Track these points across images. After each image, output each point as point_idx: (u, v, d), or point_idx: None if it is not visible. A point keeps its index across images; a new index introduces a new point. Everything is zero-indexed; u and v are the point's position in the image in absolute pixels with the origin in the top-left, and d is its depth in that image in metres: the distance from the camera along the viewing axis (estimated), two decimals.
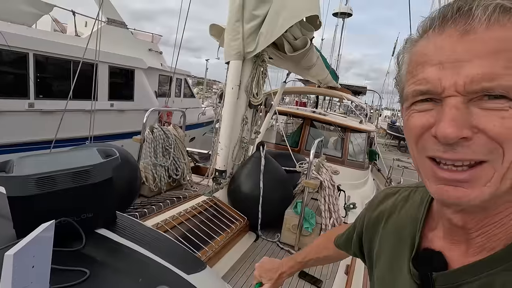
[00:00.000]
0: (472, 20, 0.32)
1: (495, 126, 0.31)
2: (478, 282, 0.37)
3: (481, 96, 0.32)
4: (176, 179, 2.68)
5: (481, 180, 0.33)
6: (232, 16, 2.09)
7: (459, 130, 0.32)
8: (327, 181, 2.04)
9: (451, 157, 0.33)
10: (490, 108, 0.31)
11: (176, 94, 9.71)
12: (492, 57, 0.31)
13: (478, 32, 0.31)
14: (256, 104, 2.34)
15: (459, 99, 0.32)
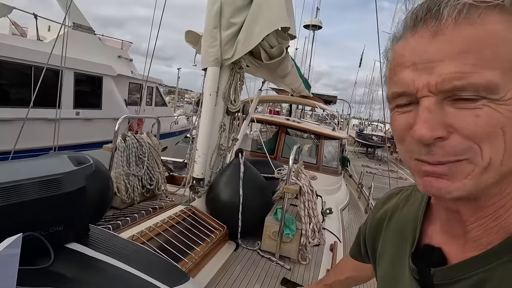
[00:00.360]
0: (440, 20, 0.32)
1: (469, 125, 0.31)
2: (475, 278, 0.37)
3: (454, 95, 0.32)
4: (150, 189, 2.56)
5: (462, 173, 0.33)
6: (209, 22, 2.08)
7: (432, 131, 0.32)
8: (307, 186, 2.06)
9: (429, 159, 0.34)
10: (463, 107, 0.32)
11: (148, 102, 9.43)
12: (462, 56, 0.31)
13: (446, 33, 0.32)
14: (233, 111, 2.32)
15: (433, 99, 0.33)
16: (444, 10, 0.32)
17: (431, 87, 0.33)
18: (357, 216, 4.84)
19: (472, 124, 0.31)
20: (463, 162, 0.33)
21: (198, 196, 2.26)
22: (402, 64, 0.36)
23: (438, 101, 0.33)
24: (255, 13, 2.07)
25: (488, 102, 0.31)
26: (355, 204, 5.37)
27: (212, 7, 2.05)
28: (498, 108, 0.31)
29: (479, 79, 0.31)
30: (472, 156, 0.32)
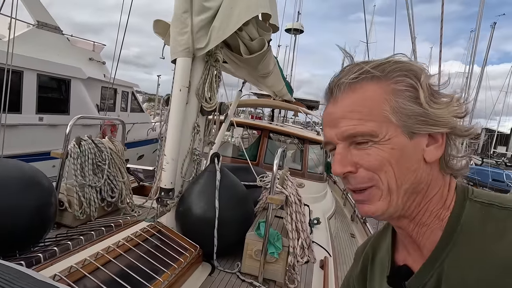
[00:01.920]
0: (335, 94, 0.49)
1: (365, 160, 0.46)
2: (435, 276, 0.45)
3: (354, 141, 0.47)
4: (111, 202, 2.19)
5: (375, 197, 0.47)
6: (179, 6, 1.79)
7: (343, 167, 0.47)
8: (294, 196, 1.78)
9: (351, 187, 0.49)
10: (361, 148, 0.46)
11: (123, 108, 8.92)
12: (350, 114, 0.46)
13: (340, 100, 0.48)
14: (209, 110, 2.02)
15: (342, 145, 0.48)
16: (336, 88, 0.49)
17: (338, 136, 0.48)
18: (343, 225, 4.62)
19: (367, 160, 0.46)
20: (372, 188, 0.47)
21: (167, 209, 1.92)
22: (325, 124, 0.51)
23: (346, 146, 0.48)
24: None
25: (374, 144, 0.45)
26: (341, 212, 5.16)
27: None
28: (380, 147, 0.45)
29: (363, 128, 0.45)
30: (376, 183, 0.46)
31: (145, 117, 10.00)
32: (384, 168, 0.44)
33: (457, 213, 0.45)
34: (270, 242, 1.67)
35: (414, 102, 0.45)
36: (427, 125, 0.46)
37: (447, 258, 0.44)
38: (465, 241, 0.43)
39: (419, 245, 0.49)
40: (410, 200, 0.46)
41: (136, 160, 8.16)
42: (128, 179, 2.39)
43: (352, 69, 0.48)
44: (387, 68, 0.46)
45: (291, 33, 14.21)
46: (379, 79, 0.46)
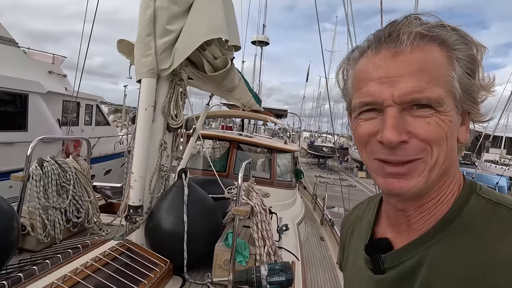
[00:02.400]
0: (400, 44, 0.40)
1: (424, 130, 0.40)
2: (416, 258, 0.44)
3: (411, 106, 0.40)
4: (77, 223, 2.16)
5: (417, 172, 0.42)
6: (142, 29, 1.86)
7: (399, 135, 0.40)
8: (259, 206, 1.89)
9: (394, 159, 0.42)
10: (418, 115, 0.40)
11: (87, 122, 8.57)
12: (418, 74, 0.39)
13: (405, 54, 0.40)
14: (175, 127, 2.09)
15: (396, 108, 0.40)
16: (403, 36, 0.40)
17: (395, 98, 0.40)
18: (313, 229, 4.82)
19: (426, 130, 0.40)
20: (418, 161, 0.41)
21: (136, 226, 1.94)
22: (368, 79, 0.43)
23: (399, 110, 0.41)
24: (193, 21, 1.91)
25: (435, 113, 0.40)
26: (311, 216, 5.37)
27: (145, 13, 1.84)
28: (442, 118, 0.40)
29: (432, 93, 0.39)
30: (425, 156, 0.41)
31: (112, 130, 9.68)
32: (441, 141, 0.40)
33: (459, 204, 0.43)
34: (238, 251, 1.76)
35: (470, 75, 0.41)
36: (472, 103, 0.43)
37: (435, 245, 0.42)
38: (462, 234, 0.41)
39: (410, 225, 0.46)
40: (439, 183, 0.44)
41: (103, 175, 7.85)
42: (94, 198, 2.37)
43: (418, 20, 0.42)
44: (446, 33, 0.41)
45: (256, 45, 14.61)
46: (443, 42, 0.41)
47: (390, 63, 0.41)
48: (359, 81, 0.44)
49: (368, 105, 0.43)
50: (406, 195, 0.43)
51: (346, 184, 12.47)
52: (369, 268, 0.50)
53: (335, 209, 9.06)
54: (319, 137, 34.84)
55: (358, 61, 0.45)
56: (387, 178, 0.43)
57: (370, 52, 0.43)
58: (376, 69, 0.42)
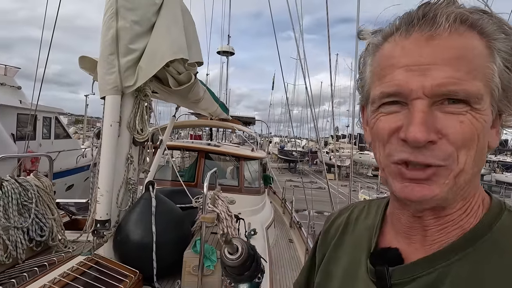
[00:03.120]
0: (436, 26, 0.34)
1: (456, 131, 0.34)
2: (434, 274, 0.37)
3: (443, 100, 0.34)
4: (41, 241, 2.13)
5: (441, 178, 0.35)
6: (105, 48, 1.93)
7: (428, 134, 0.33)
8: (224, 213, 2.02)
9: (417, 159, 0.35)
10: (450, 112, 0.34)
11: (45, 135, 8.12)
12: (456, 63, 0.33)
13: (442, 38, 0.34)
14: (141, 140, 2.16)
15: (425, 102, 0.34)
16: (441, 18, 0.34)
17: (426, 89, 0.34)
18: (283, 232, 5.01)
19: (457, 130, 0.34)
20: (441, 168, 0.35)
21: (104, 240, 1.97)
22: (394, 65, 0.36)
23: (429, 104, 0.34)
24: (156, 40, 2.01)
25: (470, 110, 0.34)
26: (280, 220, 5.57)
27: (107, 33, 1.91)
28: (477, 116, 0.34)
29: (471, 87, 0.33)
30: (450, 163, 0.35)
31: (73, 143, 9.23)
32: (471, 144, 0.34)
33: (490, 219, 0.38)
34: (206, 257, 1.87)
35: (510, 70, 0.35)
36: (508, 103, 0.37)
37: (460, 261, 0.37)
38: (492, 252, 0.36)
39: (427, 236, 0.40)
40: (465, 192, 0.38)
41: (65, 191, 7.45)
42: (59, 215, 2.34)
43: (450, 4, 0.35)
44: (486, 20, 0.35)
45: (221, 55, 14.81)
46: (483, 30, 0.35)
47: (423, 48, 0.34)
48: (382, 68, 0.38)
49: (391, 96, 0.36)
50: (428, 204, 0.37)
51: (316, 187, 12.92)
52: (372, 281, 0.43)
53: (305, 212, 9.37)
54: (288, 142, 35.64)
55: (380, 47, 0.39)
56: (406, 183, 0.36)
57: (399, 35, 0.36)
58: (405, 54, 0.35)
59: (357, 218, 0.54)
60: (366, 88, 0.42)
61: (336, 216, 0.59)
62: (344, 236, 0.53)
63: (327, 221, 0.60)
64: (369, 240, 0.48)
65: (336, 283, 0.50)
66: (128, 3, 1.92)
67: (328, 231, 0.58)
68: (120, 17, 1.91)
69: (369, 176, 22.59)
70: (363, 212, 0.54)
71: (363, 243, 0.48)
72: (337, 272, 0.50)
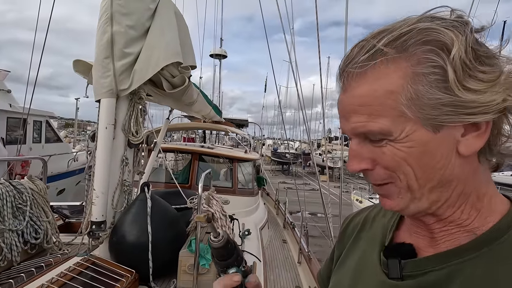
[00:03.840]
0: (346, 81, 0.41)
1: (382, 160, 0.40)
2: (446, 270, 0.40)
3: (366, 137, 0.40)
4: (35, 244, 2.13)
5: (393, 194, 0.42)
6: (100, 52, 1.96)
7: (358, 164, 0.42)
8: (219, 212, 2.06)
9: (370, 181, 0.43)
10: (376, 145, 0.40)
11: (36, 139, 8.02)
12: (360, 109, 0.39)
13: (351, 89, 0.40)
14: (136, 143, 2.19)
15: (356, 140, 0.42)
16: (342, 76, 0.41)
17: (350, 132, 0.42)
18: (276, 232, 5.06)
19: (384, 159, 0.40)
20: (390, 185, 0.41)
21: (99, 242, 1.99)
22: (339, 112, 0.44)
23: (361, 141, 0.41)
24: (150, 45, 2.06)
25: (388, 142, 0.39)
26: (274, 221, 5.61)
27: (102, 37, 1.94)
28: (396, 146, 0.39)
29: (373, 127, 0.39)
30: (394, 181, 0.41)
31: (64, 147, 9.13)
32: (402, 168, 0.39)
33: (508, 222, 0.39)
34: (201, 255, 1.91)
35: (442, 87, 0.35)
36: (460, 115, 0.36)
37: (473, 261, 0.38)
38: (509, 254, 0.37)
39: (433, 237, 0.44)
40: (440, 199, 0.40)
41: (56, 195, 7.37)
42: (53, 218, 2.34)
43: (364, 48, 0.39)
44: (409, 41, 0.36)
45: (214, 58, 14.87)
46: (396, 59, 0.37)
47: (344, 99, 0.42)
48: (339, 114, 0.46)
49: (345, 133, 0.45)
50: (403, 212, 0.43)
51: (309, 188, 13.00)
52: (384, 272, 0.45)
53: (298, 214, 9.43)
54: (282, 144, 35.77)
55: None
56: (379, 196, 0.44)
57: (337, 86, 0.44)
58: (338, 104, 0.43)
59: (374, 216, 0.58)
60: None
61: (355, 215, 0.63)
62: (361, 233, 0.57)
63: (345, 221, 0.64)
64: (383, 236, 0.51)
65: (349, 274, 0.53)
66: (122, 8, 1.97)
67: (346, 230, 0.62)
68: (115, 22, 1.95)
69: (361, 177, 22.84)
70: (381, 211, 0.57)
71: (377, 238, 0.52)
72: (350, 264, 0.54)
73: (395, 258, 0.45)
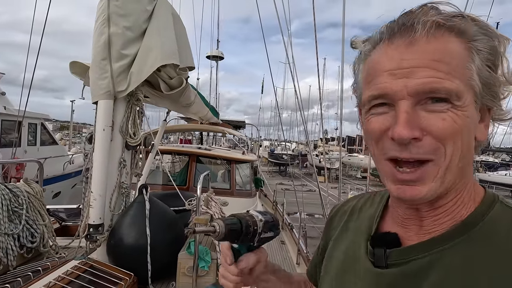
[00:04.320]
0: (414, 33, 0.38)
1: (439, 127, 0.37)
2: (428, 258, 0.41)
3: (426, 100, 0.38)
4: (32, 248, 2.11)
5: (430, 177, 0.39)
6: (97, 54, 1.95)
7: (411, 132, 0.37)
8: (218, 214, 2.05)
9: (406, 156, 0.38)
10: (433, 110, 0.37)
11: (31, 142, 7.94)
12: (435, 65, 0.37)
13: (420, 44, 0.38)
14: (134, 144, 2.17)
15: (409, 102, 0.38)
16: (418, 25, 0.38)
17: (409, 89, 0.38)
18: None
19: (440, 127, 0.37)
20: (429, 165, 0.38)
21: (97, 245, 1.97)
22: (380, 70, 0.40)
23: (413, 104, 0.38)
24: (148, 46, 2.05)
25: (451, 107, 0.37)
26: None
27: (99, 38, 1.93)
28: (458, 113, 0.37)
29: (451, 85, 0.37)
30: (438, 157, 0.38)
31: (60, 149, 9.06)
32: (455, 138, 0.38)
33: (483, 210, 0.41)
34: (200, 258, 1.90)
35: (491, 68, 0.39)
36: (494, 99, 0.40)
37: (452, 248, 0.40)
38: (485, 241, 0.39)
39: (422, 226, 0.44)
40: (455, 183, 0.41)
41: (51, 198, 7.29)
42: (49, 221, 2.32)
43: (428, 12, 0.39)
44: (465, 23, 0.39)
45: (211, 60, 14.86)
46: (462, 32, 0.39)
47: (404, 54, 0.38)
48: (370, 73, 0.42)
49: (378, 98, 0.41)
50: (418, 202, 0.41)
51: (306, 189, 13.02)
52: (370, 261, 0.46)
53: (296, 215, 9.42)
54: (279, 145, 35.79)
55: (370, 53, 0.43)
56: (399, 184, 0.40)
57: (383, 43, 0.41)
58: (389, 60, 0.39)
59: (361, 207, 0.57)
60: (359, 92, 0.47)
61: (341, 205, 0.63)
62: (348, 223, 0.57)
63: (332, 210, 0.64)
64: (369, 226, 0.51)
65: (337, 264, 0.53)
66: (120, 9, 1.96)
67: (333, 219, 0.62)
68: (112, 23, 1.94)
69: (358, 178, 22.91)
70: (368, 201, 0.57)
71: (363, 229, 0.52)
72: (338, 255, 0.54)
73: (380, 247, 0.46)
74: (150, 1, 2.13)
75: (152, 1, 2.15)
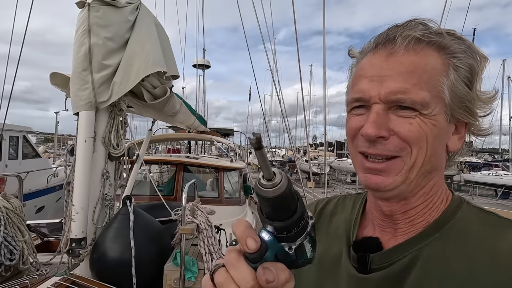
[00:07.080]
0: (394, 45, 0.43)
1: (405, 130, 0.41)
2: (407, 258, 0.44)
3: (396, 106, 0.42)
4: (10, 265, 2.02)
5: (394, 170, 0.42)
6: (78, 65, 1.92)
7: (377, 131, 0.41)
8: (204, 223, 2.03)
9: (372, 152, 0.43)
10: (401, 115, 0.42)
11: (12, 155, 7.69)
12: (406, 76, 0.41)
13: (398, 55, 0.42)
14: (117, 155, 2.14)
15: (381, 106, 0.42)
16: (399, 38, 0.42)
17: (381, 96, 0.42)
18: None
19: (407, 130, 0.41)
20: (397, 160, 0.42)
21: (80, 260, 1.91)
22: (363, 76, 0.45)
23: (385, 109, 0.42)
24: (130, 56, 2.04)
25: (419, 115, 0.41)
26: None
27: (80, 49, 1.91)
28: (425, 120, 0.41)
29: (416, 96, 0.41)
30: (404, 155, 0.42)
31: (43, 162, 8.79)
32: (420, 142, 0.41)
33: (452, 210, 0.45)
34: (187, 268, 1.87)
35: (467, 85, 0.43)
36: (467, 114, 0.44)
37: (428, 245, 0.43)
38: (457, 236, 0.43)
39: (397, 229, 0.47)
40: (420, 185, 0.44)
41: (34, 213, 7.04)
42: (30, 237, 2.24)
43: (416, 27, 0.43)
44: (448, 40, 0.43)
45: (197, 68, 14.88)
46: (441, 48, 0.43)
47: (383, 63, 0.43)
48: (355, 78, 0.47)
49: (358, 101, 0.45)
50: (383, 191, 0.43)
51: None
52: (354, 267, 0.48)
53: None
54: (268, 152, 35.79)
55: (360, 61, 0.48)
56: (367, 173, 0.44)
57: (369, 52, 0.46)
58: (370, 67, 0.44)
59: (332, 211, 0.59)
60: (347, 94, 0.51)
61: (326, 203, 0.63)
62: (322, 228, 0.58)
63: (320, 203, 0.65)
64: (347, 231, 0.53)
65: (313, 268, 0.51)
66: (100, 20, 1.95)
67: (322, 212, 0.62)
68: (93, 34, 1.92)
69: (347, 182, 23.12)
70: (338, 206, 0.60)
71: (341, 234, 0.54)
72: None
73: (363, 253, 0.47)
74: (132, 11, 2.13)
75: (134, 11, 2.15)
